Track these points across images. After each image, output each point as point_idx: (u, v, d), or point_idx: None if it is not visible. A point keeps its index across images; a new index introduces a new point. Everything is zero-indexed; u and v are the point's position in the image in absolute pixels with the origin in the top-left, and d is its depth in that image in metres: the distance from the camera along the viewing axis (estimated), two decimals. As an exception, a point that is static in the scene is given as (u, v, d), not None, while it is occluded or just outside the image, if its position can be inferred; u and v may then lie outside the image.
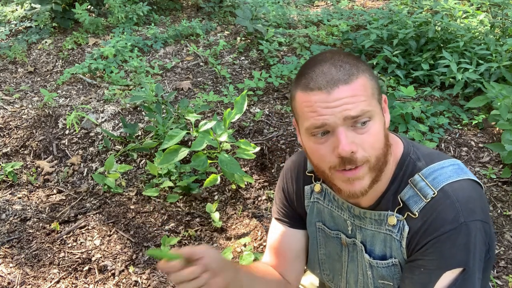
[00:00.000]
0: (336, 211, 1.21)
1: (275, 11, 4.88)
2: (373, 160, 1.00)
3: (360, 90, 0.97)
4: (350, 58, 1.02)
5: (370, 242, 1.15)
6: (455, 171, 1.06)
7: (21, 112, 3.59)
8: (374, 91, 1.01)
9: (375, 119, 0.99)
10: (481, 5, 4.74)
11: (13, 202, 2.84)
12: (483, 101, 2.99)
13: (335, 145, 0.97)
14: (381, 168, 1.04)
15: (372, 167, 1.01)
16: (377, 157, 1.01)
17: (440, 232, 1.00)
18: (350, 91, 0.96)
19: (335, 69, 0.98)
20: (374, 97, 1.01)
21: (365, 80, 0.99)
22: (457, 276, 1.01)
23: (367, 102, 0.98)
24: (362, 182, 1.02)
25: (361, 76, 0.99)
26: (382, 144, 1.01)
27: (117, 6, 4.73)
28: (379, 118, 1.01)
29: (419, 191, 1.05)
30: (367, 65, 1.04)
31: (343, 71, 0.97)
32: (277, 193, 1.35)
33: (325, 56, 1.02)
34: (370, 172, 1.02)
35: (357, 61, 1.02)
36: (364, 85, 0.98)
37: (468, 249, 1.00)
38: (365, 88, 0.98)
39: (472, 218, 1.00)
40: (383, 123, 1.03)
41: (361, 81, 0.98)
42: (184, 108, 3.16)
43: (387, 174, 1.08)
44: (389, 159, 1.07)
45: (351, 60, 1.01)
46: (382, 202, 1.10)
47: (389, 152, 1.06)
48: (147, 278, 2.26)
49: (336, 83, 0.96)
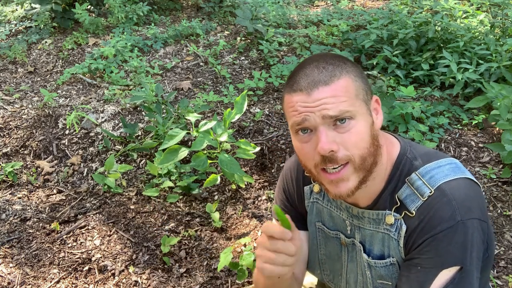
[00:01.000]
0: (335, 211, 1.22)
1: (275, 11, 4.88)
2: (357, 160, 1.01)
3: (341, 91, 0.99)
4: (336, 59, 1.04)
5: (369, 241, 1.15)
6: (452, 169, 1.06)
7: (21, 112, 3.59)
8: (359, 92, 1.02)
9: (358, 119, 1.01)
10: (481, 5, 4.74)
11: (13, 202, 2.84)
12: (483, 101, 2.99)
13: (316, 143, 1.00)
14: (370, 169, 1.04)
15: (357, 167, 1.02)
16: (361, 156, 1.01)
17: (437, 231, 1.00)
18: (330, 92, 0.99)
19: (317, 70, 1.01)
20: (359, 97, 1.02)
21: (348, 81, 1.01)
22: (454, 275, 1.01)
23: (348, 102, 0.99)
24: (347, 184, 1.03)
25: (343, 77, 1.01)
26: (366, 143, 1.02)
27: (117, 6, 4.73)
28: (363, 118, 1.02)
29: (416, 190, 1.05)
30: (354, 67, 1.05)
31: (325, 72, 1.01)
32: (277, 194, 1.35)
33: (311, 59, 1.06)
34: (356, 172, 1.03)
35: (343, 62, 1.04)
36: (346, 86, 1.00)
37: (465, 247, 1.00)
38: (347, 89, 1.00)
39: (469, 217, 1.00)
40: (370, 124, 1.03)
41: (343, 82, 1.00)
42: (184, 108, 3.16)
43: (382, 174, 1.09)
44: (380, 159, 1.07)
45: (336, 62, 1.03)
46: (380, 201, 1.10)
47: (379, 153, 1.06)
48: (147, 278, 2.26)
49: (316, 85, 1.00)
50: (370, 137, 1.03)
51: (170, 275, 2.28)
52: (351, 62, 1.06)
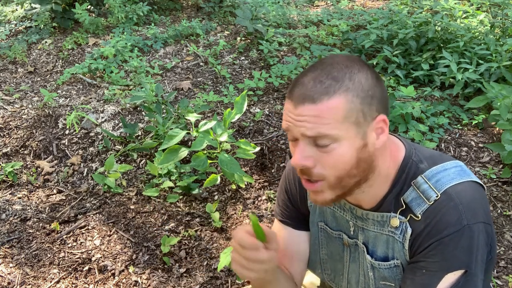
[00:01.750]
0: (339, 211, 1.22)
1: (275, 11, 4.88)
2: (332, 179, 1.01)
3: (327, 112, 0.95)
4: (342, 72, 0.98)
5: (372, 243, 1.15)
6: (458, 173, 1.06)
7: (21, 112, 3.59)
8: (351, 114, 0.96)
9: (341, 142, 0.97)
10: (481, 5, 4.74)
11: (13, 202, 2.84)
12: (483, 101, 2.99)
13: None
14: (351, 188, 1.04)
15: (331, 186, 1.02)
16: (338, 177, 1.00)
17: (443, 235, 1.00)
18: (314, 111, 0.95)
19: (313, 83, 0.97)
20: (349, 120, 0.96)
21: (340, 102, 0.95)
22: (459, 278, 1.02)
23: (331, 125, 0.95)
24: (323, 195, 1.04)
25: (337, 97, 0.95)
26: (347, 166, 0.99)
27: (117, 6, 4.73)
28: (348, 142, 0.98)
29: (422, 193, 1.05)
30: (362, 81, 0.98)
31: (318, 87, 0.96)
32: (279, 194, 1.35)
33: (319, 65, 1.01)
34: (331, 189, 1.03)
35: (349, 75, 0.97)
36: (335, 107, 0.95)
37: (470, 251, 1.00)
38: (335, 111, 0.95)
39: (474, 221, 1.00)
40: (357, 147, 0.99)
41: (333, 103, 0.95)
42: (184, 108, 3.16)
43: (384, 178, 1.08)
44: (373, 175, 1.05)
45: (340, 75, 0.97)
46: (384, 204, 1.10)
47: (370, 172, 1.04)
48: (147, 278, 2.26)
49: (303, 100, 0.96)
50: (354, 160, 0.99)
51: (170, 275, 2.28)
52: (363, 72, 0.99)
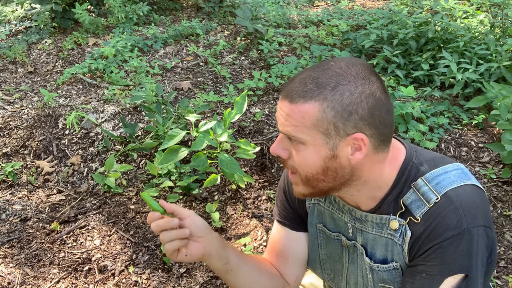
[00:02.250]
0: (337, 213, 1.21)
1: (275, 11, 4.88)
2: (303, 176, 1.05)
3: (297, 115, 0.97)
4: (330, 80, 0.96)
5: (371, 245, 1.15)
6: (459, 176, 1.05)
7: (21, 112, 3.59)
8: (322, 124, 0.96)
9: (307, 146, 1.00)
10: (481, 5, 4.74)
11: (13, 202, 2.84)
12: (483, 101, 2.99)
13: None
14: (323, 190, 1.06)
15: (302, 181, 1.06)
16: (306, 176, 1.04)
17: (442, 238, 1.00)
18: (288, 110, 0.99)
19: (298, 84, 0.99)
20: (317, 129, 0.97)
21: (313, 109, 0.96)
22: (460, 282, 1.01)
23: (299, 128, 0.98)
24: (298, 188, 1.09)
25: (311, 104, 0.96)
26: (312, 170, 1.02)
27: (117, 6, 4.73)
28: (315, 149, 0.99)
29: (422, 195, 1.04)
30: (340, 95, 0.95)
31: (300, 89, 0.98)
32: (278, 195, 1.35)
33: (320, 65, 1.01)
34: (304, 185, 1.07)
35: (335, 87, 0.95)
36: (305, 112, 0.96)
37: (470, 255, 1.00)
38: (304, 116, 0.96)
39: (474, 224, 1.00)
40: (324, 157, 0.99)
41: (306, 108, 0.96)
42: (184, 108, 3.16)
43: (382, 182, 1.08)
44: (358, 182, 1.05)
45: (324, 82, 0.96)
46: (383, 206, 1.09)
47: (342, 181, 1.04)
48: (147, 278, 2.26)
49: (286, 96, 1.00)
50: (320, 168, 1.01)
51: (170, 275, 2.28)
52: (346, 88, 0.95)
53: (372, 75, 0.99)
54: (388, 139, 1.03)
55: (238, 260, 1.21)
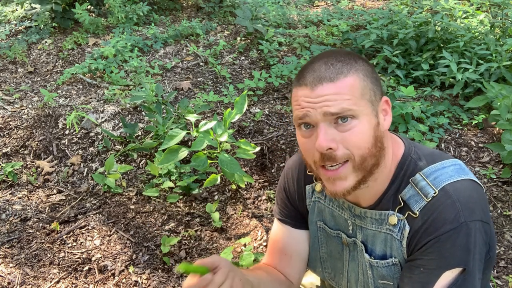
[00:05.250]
0: (337, 210, 1.21)
1: (275, 11, 4.88)
2: (357, 159, 1.01)
3: (345, 88, 0.98)
4: (347, 57, 1.03)
5: (371, 241, 1.15)
6: (457, 171, 1.06)
7: (21, 112, 3.59)
8: (366, 91, 1.01)
9: (361, 118, 0.99)
10: (481, 5, 4.74)
11: (13, 202, 2.84)
12: (483, 101, 2.99)
13: (316, 139, 1.00)
14: (370, 170, 1.03)
15: (356, 167, 1.01)
16: (361, 156, 1.01)
17: (440, 232, 1.00)
18: (334, 89, 0.98)
19: (325, 66, 1.00)
20: (365, 97, 1.00)
21: (355, 79, 1.00)
22: (457, 276, 1.01)
23: (352, 101, 0.98)
24: (344, 183, 1.03)
25: (351, 75, 1.00)
26: (368, 144, 1.00)
27: (117, 6, 4.73)
28: (367, 119, 1.00)
29: (420, 190, 1.05)
30: (365, 65, 1.03)
31: (332, 69, 0.99)
32: (278, 193, 1.35)
33: (322, 55, 1.04)
34: (355, 171, 1.02)
35: (354, 60, 1.02)
36: (352, 84, 0.99)
37: (468, 249, 1.00)
38: (352, 88, 0.99)
39: (472, 218, 1.00)
40: (374, 125, 1.02)
41: (350, 81, 0.99)
42: (184, 108, 3.16)
43: (386, 174, 1.09)
44: (384, 161, 1.06)
45: (346, 59, 1.02)
46: (383, 201, 1.10)
47: (382, 155, 1.05)
48: (147, 278, 2.26)
49: (320, 80, 0.99)
50: (372, 138, 1.01)
51: (170, 275, 2.28)
52: (363, 60, 1.05)
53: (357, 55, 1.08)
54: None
55: (257, 280, 1.21)
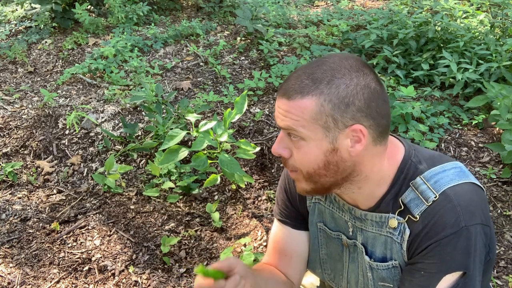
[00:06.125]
0: (337, 212, 1.21)
1: (275, 11, 4.88)
2: (304, 173, 1.05)
3: (296, 109, 0.99)
4: (323, 74, 0.98)
5: (371, 244, 1.15)
6: (457, 174, 1.05)
7: (21, 112, 3.59)
8: (320, 117, 0.97)
9: (308, 141, 1.01)
10: (481, 5, 4.74)
11: (13, 202, 2.84)
12: (483, 101, 2.99)
13: None
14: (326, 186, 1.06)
15: (306, 178, 1.06)
16: (308, 172, 1.05)
17: (441, 236, 1.00)
18: (286, 106, 1.00)
19: (294, 81, 1.01)
20: (317, 123, 0.98)
21: (311, 103, 0.97)
22: (458, 280, 1.02)
23: (299, 123, 0.99)
24: (300, 184, 1.09)
25: (308, 98, 0.97)
26: (314, 166, 1.02)
27: (117, 6, 4.73)
28: (315, 144, 1.00)
29: (421, 194, 1.04)
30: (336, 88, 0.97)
31: (296, 86, 0.99)
32: (278, 194, 1.35)
33: (315, 62, 1.03)
34: (306, 181, 1.07)
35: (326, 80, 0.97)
36: (304, 107, 0.97)
37: (468, 252, 1.00)
38: (304, 110, 0.98)
39: (472, 222, 1.00)
40: (325, 151, 1.00)
41: (304, 103, 0.97)
42: (184, 108, 3.16)
43: (383, 180, 1.08)
44: (362, 176, 1.05)
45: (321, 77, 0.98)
46: (382, 204, 1.10)
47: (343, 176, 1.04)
48: (147, 278, 2.26)
49: (283, 94, 1.01)
50: (322, 162, 1.02)
51: (170, 275, 2.28)
52: (341, 81, 0.97)
53: (366, 68, 1.01)
54: (386, 131, 1.04)
55: (263, 281, 1.22)
